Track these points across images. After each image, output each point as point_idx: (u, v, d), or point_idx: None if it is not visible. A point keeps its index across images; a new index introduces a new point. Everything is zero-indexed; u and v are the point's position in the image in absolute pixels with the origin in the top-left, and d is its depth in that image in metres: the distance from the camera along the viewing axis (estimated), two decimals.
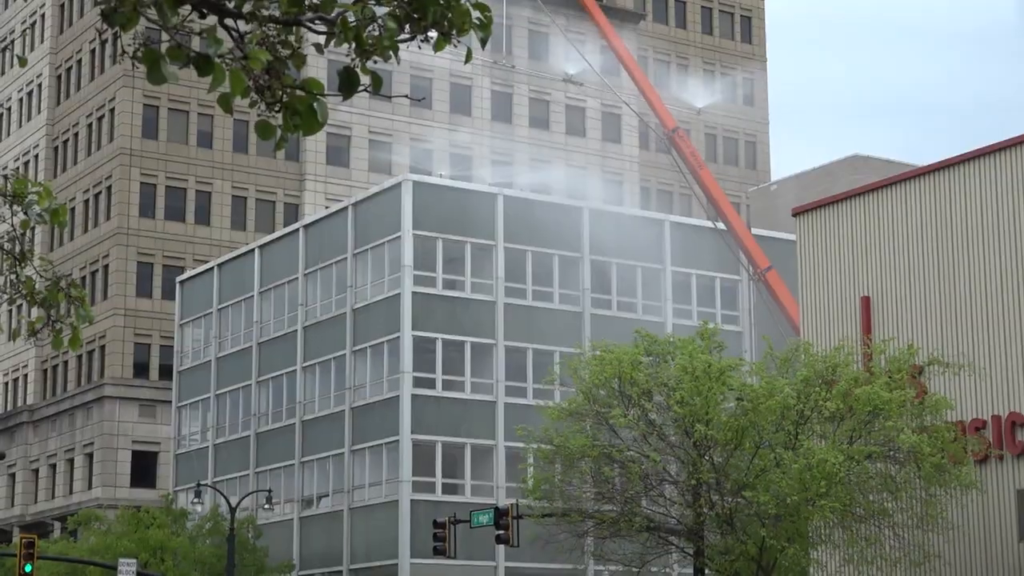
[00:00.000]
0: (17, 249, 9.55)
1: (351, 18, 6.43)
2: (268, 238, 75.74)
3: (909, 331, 40.61)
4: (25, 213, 9.15)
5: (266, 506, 61.53)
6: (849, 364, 38.54)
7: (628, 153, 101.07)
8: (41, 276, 9.26)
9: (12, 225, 9.40)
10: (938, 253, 40.66)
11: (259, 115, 6.16)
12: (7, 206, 9.50)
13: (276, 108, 6.24)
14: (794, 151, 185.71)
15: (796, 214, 45.18)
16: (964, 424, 38.63)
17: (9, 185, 9.49)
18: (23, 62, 12.34)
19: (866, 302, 42.13)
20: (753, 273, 67.77)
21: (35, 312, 9.38)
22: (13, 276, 9.43)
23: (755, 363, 43.03)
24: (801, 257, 44.69)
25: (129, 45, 6.25)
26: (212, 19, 6.44)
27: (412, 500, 61.84)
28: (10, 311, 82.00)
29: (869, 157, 79.07)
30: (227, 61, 5.87)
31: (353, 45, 6.41)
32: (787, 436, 37.87)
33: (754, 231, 71.44)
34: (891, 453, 37.60)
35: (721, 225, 68.97)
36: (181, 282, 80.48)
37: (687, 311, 68.79)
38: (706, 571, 41.28)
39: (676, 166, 75.19)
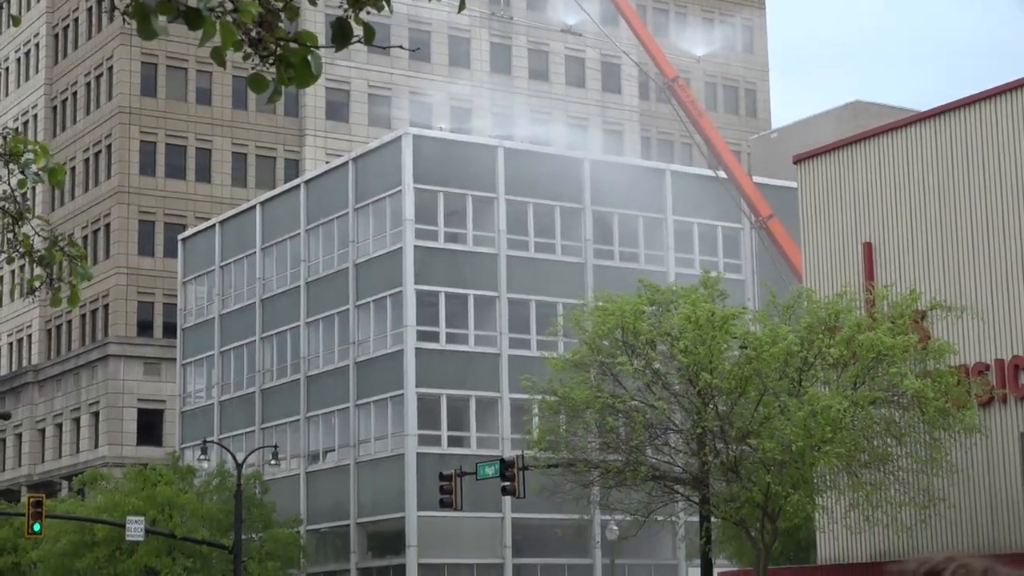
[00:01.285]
0: (14, 208, 9.54)
1: None
2: (269, 194, 75.70)
3: (911, 276, 40.59)
4: (22, 172, 9.13)
5: (272, 462, 61.70)
6: (852, 310, 38.53)
7: (628, 103, 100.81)
8: (39, 235, 9.25)
9: (9, 185, 9.39)
10: (940, 197, 40.59)
11: (252, 68, 6.13)
12: (4, 166, 9.48)
13: (270, 61, 6.21)
14: (794, 98, 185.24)
15: (797, 161, 45.08)
16: (967, 368, 38.66)
17: (6, 144, 9.47)
18: (16, 21, 12.31)
19: (868, 248, 42.09)
20: (755, 221, 67.71)
21: (35, 271, 9.37)
22: (11, 235, 9.42)
23: (758, 311, 43.03)
24: (803, 204, 44.62)
25: (121, 0, 6.21)
26: None
27: (418, 453, 62.03)
28: (12, 272, 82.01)
29: (870, 103, 78.88)
30: (217, 14, 5.84)
31: None
32: (791, 383, 37.91)
33: (755, 179, 71.35)
34: (895, 398, 37.66)
35: (722, 174, 68.86)
36: (183, 240, 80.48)
37: (689, 260, 68.78)
38: (712, 518, 41.44)
39: (676, 115, 75.00)
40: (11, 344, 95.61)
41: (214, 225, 77.72)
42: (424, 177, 64.65)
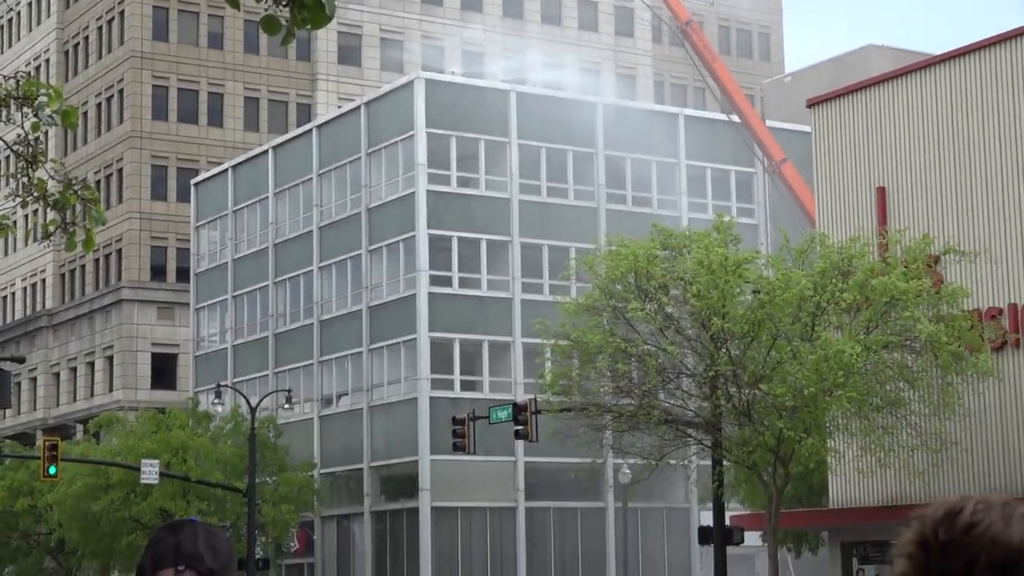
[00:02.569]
0: (28, 152, 9.54)
1: None
2: (281, 139, 75.64)
3: (925, 221, 40.52)
4: (36, 115, 9.12)
5: (286, 405, 61.93)
6: (865, 255, 38.49)
7: (641, 47, 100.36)
8: (53, 178, 9.25)
9: (23, 128, 9.39)
10: (954, 141, 40.45)
11: (265, 11, 6.12)
12: (18, 109, 9.48)
13: (283, 3, 6.19)
14: (808, 42, 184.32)
15: (811, 105, 44.93)
16: (980, 312, 38.65)
17: (19, 87, 9.46)
18: None
19: (881, 192, 42.00)
20: (768, 165, 67.54)
21: (50, 215, 9.38)
22: (26, 179, 9.43)
23: (771, 255, 43.00)
24: (816, 148, 44.50)
25: None
26: None
27: (431, 397, 62.22)
28: (26, 216, 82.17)
29: (884, 47, 78.48)
30: None
31: None
32: (804, 328, 37.92)
33: (769, 123, 71.11)
34: (908, 343, 37.67)
35: (736, 118, 68.63)
36: (196, 184, 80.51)
37: (702, 204, 68.67)
38: (724, 462, 41.56)
39: (690, 60, 74.68)
40: (25, 289, 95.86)
41: (226, 170, 77.71)
42: (436, 122, 64.53)
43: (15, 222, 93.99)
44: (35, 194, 9.15)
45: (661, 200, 68.89)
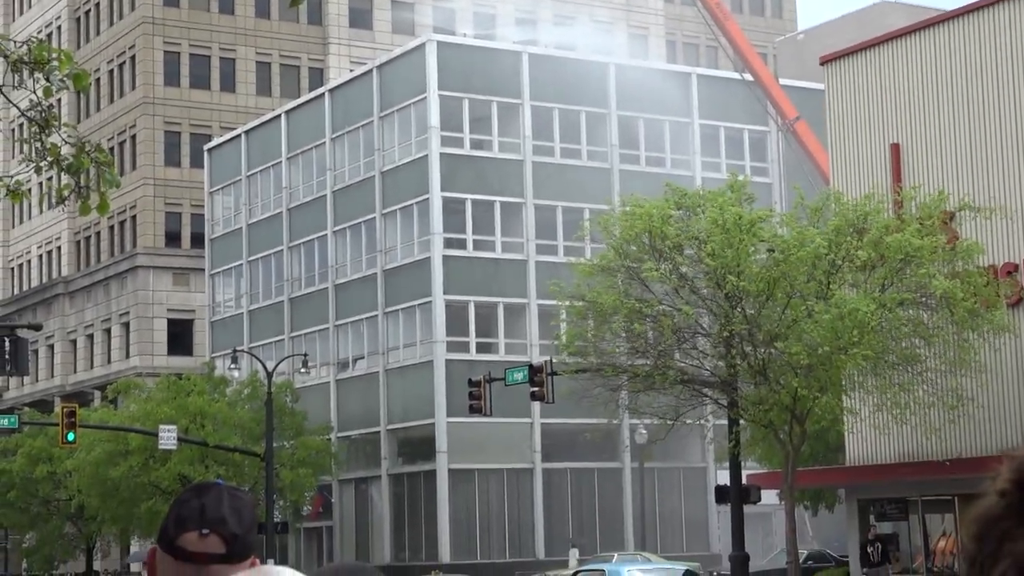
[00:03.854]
0: (40, 116, 9.54)
1: None
2: (294, 103, 75.57)
3: (939, 177, 40.39)
4: (47, 79, 9.12)
5: (302, 370, 62.06)
6: (880, 212, 38.39)
7: (653, 6, 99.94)
8: (66, 142, 9.24)
9: (35, 92, 9.39)
10: (968, 97, 40.28)
11: None
12: (29, 74, 9.48)
13: None
14: None
15: (824, 63, 44.75)
16: (996, 268, 38.56)
17: (31, 52, 9.46)
18: None
19: (896, 149, 41.87)
20: (782, 124, 67.33)
21: (63, 180, 9.37)
22: (39, 144, 9.43)
23: (785, 214, 42.92)
24: (830, 106, 44.34)
25: None
26: None
27: (447, 360, 62.30)
28: (40, 184, 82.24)
29: (897, 3, 78.09)
30: None
31: None
32: (819, 286, 37.86)
33: (782, 81, 70.85)
34: (923, 299, 37.60)
35: (748, 77, 68.38)
36: (209, 150, 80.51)
37: (716, 164, 68.53)
38: (740, 421, 41.59)
39: (702, 18, 74.38)
40: (41, 256, 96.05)
41: (240, 135, 77.70)
42: (449, 84, 64.42)
43: (30, 189, 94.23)
44: (49, 159, 9.15)
45: (675, 160, 68.76)
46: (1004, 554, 1.42)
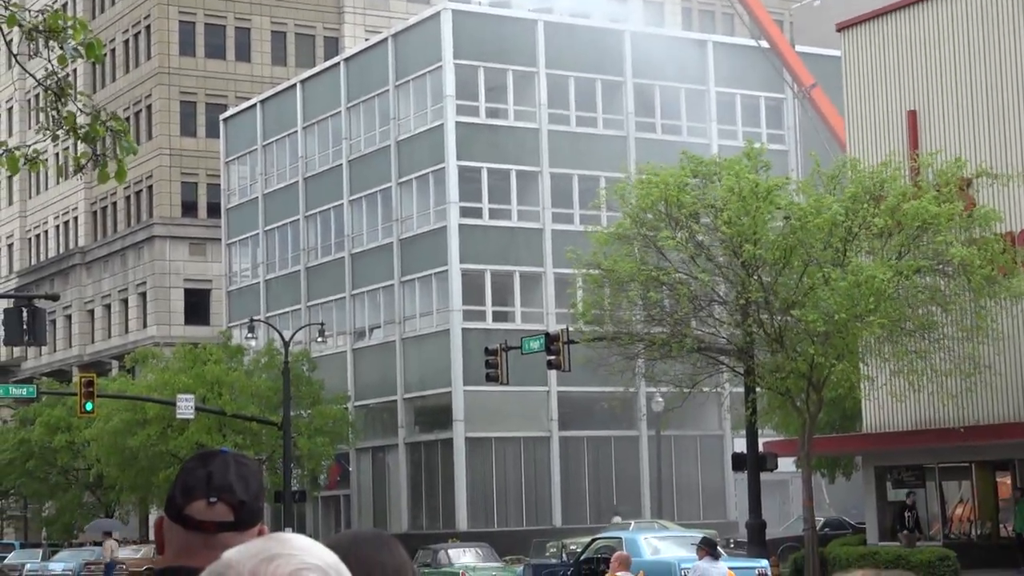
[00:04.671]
0: (56, 85, 9.53)
1: None
2: (309, 73, 75.51)
3: (957, 144, 40.25)
4: (61, 48, 9.11)
5: (319, 339, 62.17)
6: (897, 179, 38.27)
7: None
8: (82, 111, 9.22)
9: (49, 61, 9.38)
10: (986, 63, 40.09)
11: None
12: (44, 43, 9.47)
13: None
14: None
15: (840, 29, 44.56)
16: (1013, 235, 38.44)
17: (45, 21, 9.45)
18: None
19: (912, 116, 41.72)
20: (798, 91, 67.11)
21: (80, 148, 9.36)
22: (55, 113, 9.42)
23: (802, 181, 42.82)
24: (846, 73, 44.18)
25: None
26: None
27: (463, 329, 62.37)
28: (57, 154, 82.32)
29: None
30: None
31: None
32: (835, 253, 37.78)
33: (798, 48, 70.60)
34: (940, 267, 37.51)
35: (764, 43, 68.15)
36: (224, 120, 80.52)
37: (732, 131, 68.35)
38: (757, 389, 41.58)
39: None
40: (58, 227, 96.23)
41: (255, 105, 77.68)
42: (464, 52, 64.30)
43: (46, 159, 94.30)
44: (65, 128, 9.14)
45: (691, 128, 68.60)
46: None
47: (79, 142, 9.16)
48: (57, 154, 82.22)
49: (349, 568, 1.84)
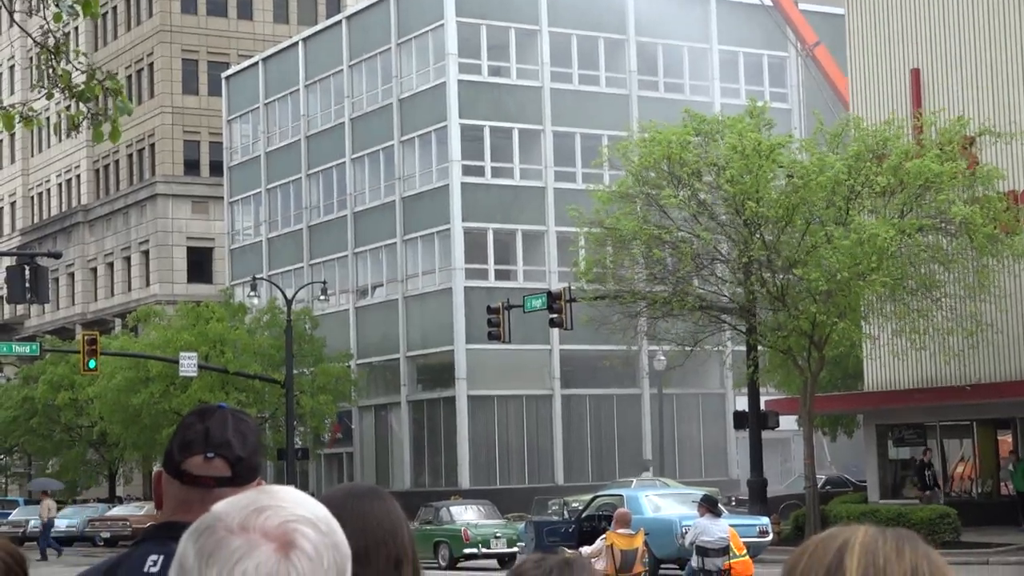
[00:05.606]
0: (51, 43, 9.50)
1: None
2: (311, 31, 75.27)
3: (960, 102, 40.17)
4: (56, 5, 9.08)
5: (321, 297, 62.21)
6: (900, 138, 38.24)
7: None
8: (77, 69, 9.19)
9: (45, 19, 9.36)
10: (989, 22, 39.97)
11: None
12: (40, 1, 9.43)
13: None
14: None
15: None
16: (1016, 193, 38.44)
17: None
18: None
19: (916, 74, 41.63)
20: (801, 49, 66.89)
21: (77, 107, 9.33)
22: (50, 70, 9.40)
23: (805, 139, 42.78)
24: (850, 31, 44.06)
25: None
26: None
27: (465, 287, 62.39)
28: (59, 113, 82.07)
29: None
30: None
31: None
32: (838, 212, 37.78)
33: (801, 6, 70.27)
34: (943, 225, 37.52)
35: (768, 1, 67.89)
36: (227, 78, 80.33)
37: (735, 90, 68.17)
38: (759, 347, 41.65)
39: None
40: (60, 185, 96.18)
41: (257, 63, 77.50)
42: (466, 10, 64.08)
43: (48, 118, 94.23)
44: (60, 86, 9.12)
45: (693, 86, 68.44)
46: None
47: (75, 101, 9.13)
48: (59, 113, 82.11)
49: (343, 523, 1.85)
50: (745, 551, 26.10)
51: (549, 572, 2.42)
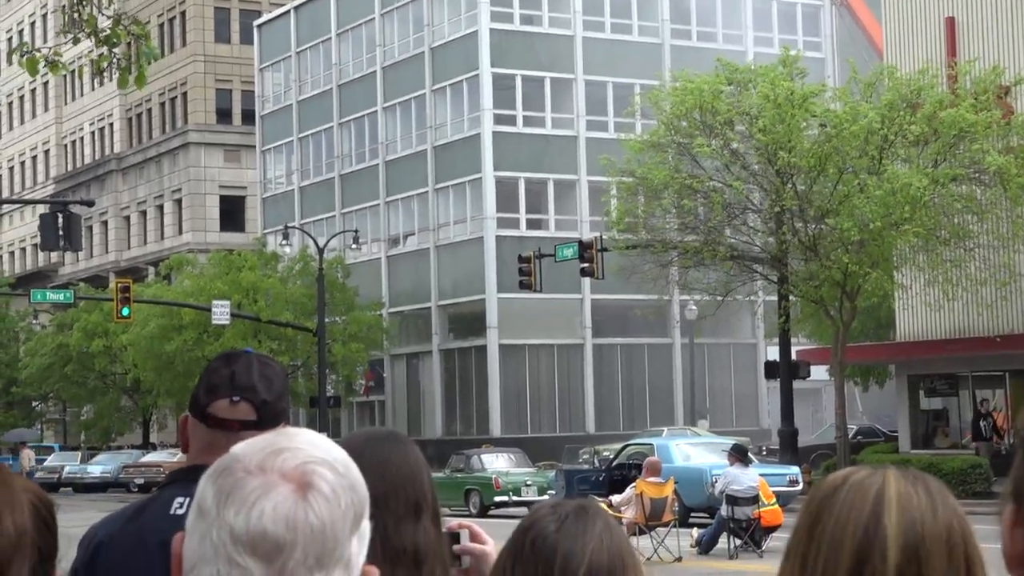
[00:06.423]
0: None
1: None
2: None
3: (995, 51, 39.86)
4: None
5: (353, 246, 62.32)
6: (934, 87, 38.00)
7: None
8: (103, 14, 9.18)
9: None
10: None
11: None
12: None
13: None
14: None
15: None
16: None
17: None
18: None
19: (951, 23, 41.30)
20: None
21: (102, 52, 9.31)
22: (76, 15, 9.38)
23: (838, 89, 42.55)
24: None
25: None
26: None
27: (497, 236, 62.39)
28: (92, 61, 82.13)
29: None
30: None
31: None
32: (871, 161, 37.62)
33: None
34: (976, 175, 37.33)
35: None
36: (258, 26, 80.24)
37: (768, 39, 67.75)
38: (790, 297, 41.60)
39: None
40: (93, 133, 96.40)
41: (289, 11, 77.36)
42: None
43: (69, 64, 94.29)
44: (86, 31, 9.10)
45: (726, 35, 68.04)
46: None
47: (101, 46, 9.11)
48: (92, 60, 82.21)
49: (363, 467, 1.87)
50: (774, 499, 26.17)
51: (564, 518, 2.44)
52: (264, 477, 1.72)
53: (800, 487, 32.75)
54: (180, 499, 3.44)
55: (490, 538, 3.20)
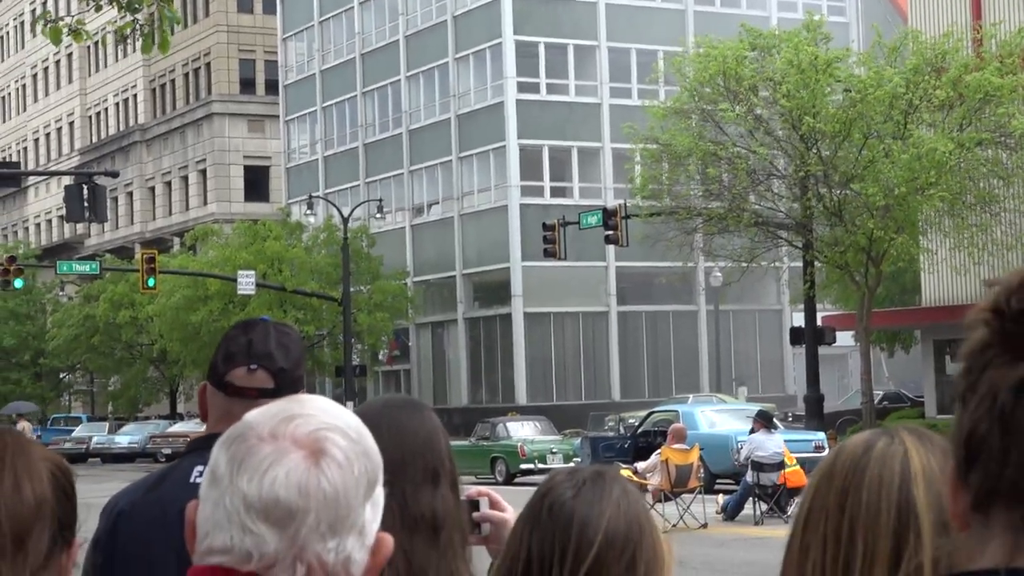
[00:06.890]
0: None
1: None
2: None
3: (1020, 13, 39.61)
4: None
5: (378, 215, 62.33)
6: (959, 50, 37.80)
7: None
8: None
9: None
10: None
11: None
12: None
13: None
14: None
15: None
16: None
17: None
18: None
19: None
20: None
21: (125, 18, 9.30)
22: None
23: (862, 53, 42.36)
24: None
25: None
26: None
27: (521, 204, 62.37)
28: (110, 27, 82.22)
29: None
30: None
31: None
32: (896, 126, 37.48)
33: None
34: (1002, 139, 37.16)
35: None
36: None
37: (792, 4, 67.46)
38: (815, 263, 41.51)
39: None
40: (117, 104, 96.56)
41: None
42: None
43: (105, 36, 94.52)
44: None
45: (750, 0, 67.76)
46: (983, 382, 1.40)
47: (123, 13, 9.11)
48: (116, 27, 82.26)
49: (379, 434, 1.87)
50: (795, 462, 26.21)
51: (581, 484, 2.44)
52: (276, 444, 1.72)
53: (826, 452, 32.68)
54: (200, 468, 3.45)
55: (509, 506, 3.21)
